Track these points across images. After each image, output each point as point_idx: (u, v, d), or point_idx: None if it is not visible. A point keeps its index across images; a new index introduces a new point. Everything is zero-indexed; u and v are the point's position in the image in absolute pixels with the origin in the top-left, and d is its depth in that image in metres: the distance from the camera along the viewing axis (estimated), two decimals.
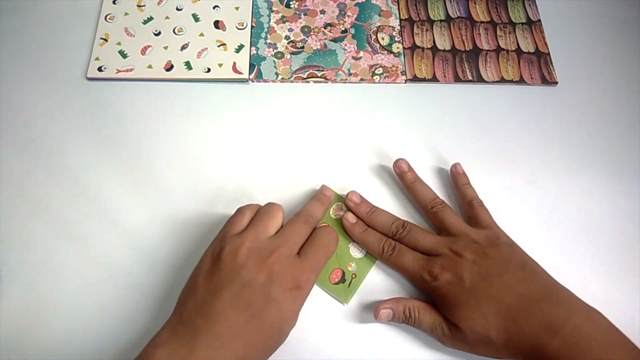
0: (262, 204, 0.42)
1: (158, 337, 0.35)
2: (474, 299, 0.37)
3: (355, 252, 0.44)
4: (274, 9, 0.58)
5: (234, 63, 0.54)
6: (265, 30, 0.56)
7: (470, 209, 0.45)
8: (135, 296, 0.43)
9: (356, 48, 0.55)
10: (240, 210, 0.41)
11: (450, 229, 0.42)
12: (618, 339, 0.35)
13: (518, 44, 0.56)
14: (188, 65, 0.54)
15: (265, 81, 0.54)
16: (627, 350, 0.34)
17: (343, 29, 0.57)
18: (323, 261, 0.41)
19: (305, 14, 0.58)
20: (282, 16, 0.57)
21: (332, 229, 0.43)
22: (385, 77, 0.54)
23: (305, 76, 0.54)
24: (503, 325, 0.36)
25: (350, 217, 0.44)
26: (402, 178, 0.47)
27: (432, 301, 0.41)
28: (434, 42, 0.56)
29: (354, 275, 0.43)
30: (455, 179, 0.47)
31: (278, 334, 0.37)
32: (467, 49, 0.56)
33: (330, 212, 0.46)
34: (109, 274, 0.44)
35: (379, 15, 0.58)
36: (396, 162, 0.47)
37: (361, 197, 0.46)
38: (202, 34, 0.56)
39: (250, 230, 0.39)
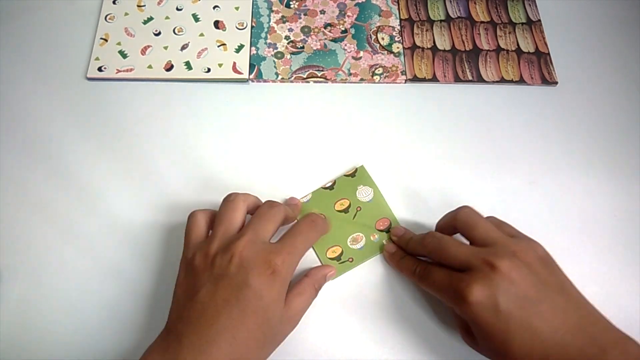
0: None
1: (149, 348, 0.35)
2: (505, 330, 0.34)
3: (353, 244, 0.44)
4: (274, 9, 0.58)
5: (234, 63, 0.54)
6: (265, 30, 0.56)
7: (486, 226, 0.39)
8: (136, 296, 0.43)
9: (356, 48, 0.55)
10: (195, 216, 0.41)
11: (483, 236, 0.38)
12: None
13: (518, 44, 0.56)
14: (188, 65, 0.54)
15: (265, 81, 0.54)
16: None
17: (343, 29, 0.57)
18: (301, 246, 0.38)
19: (305, 14, 0.58)
20: (282, 16, 0.57)
21: (316, 217, 0.42)
22: (385, 77, 0.54)
23: (305, 76, 0.54)
24: None
25: (390, 247, 0.44)
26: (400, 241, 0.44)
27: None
28: (434, 42, 0.56)
29: (350, 259, 0.44)
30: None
31: (266, 324, 0.35)
32: (467, 49, 0.56)
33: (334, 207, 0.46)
34: (110, 274, 0.44)
35: (379, 15, 0.58)
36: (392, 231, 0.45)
37: (404, 230, 0.44)
38: (202, 34, 0.56)
39: (216, 232, 0.39)
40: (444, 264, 0.38)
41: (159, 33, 0.56)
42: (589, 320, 0.34)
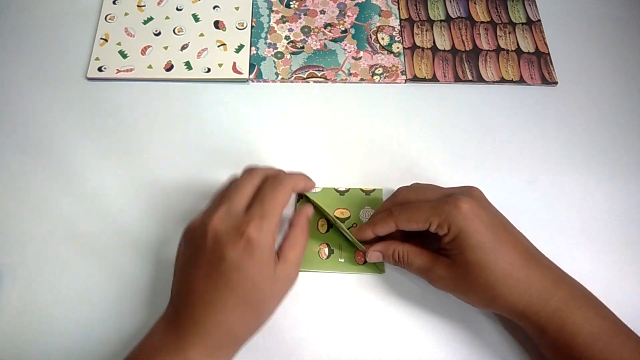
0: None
1: (156, 322, 0.37)
2: (493, 238, 0.37)
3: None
4: (274, 9, 0.58)
5: (234, 63, 0.54)
6: (265, 30, 0.56)
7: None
8: (135, 296, 0.43)
9: (356, 48, 0.55)
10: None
11: (443, 192, 0.41)
12: (594, 296, 0.38)
13: (518, 44, 0.57)
14: (188, 65, 0.54)
15: (265, 81, 0.54)
16: (604, 305, 0.38)
17: (343, 29, 0.57)
18: (270, 208, 0.37)
19: (305, 14, 0.58)
20: (282, 16, 0.57)
21: (276, 173, 0.40)
22: (385, 77, 0.54)
23: (305, 76, 0.54)
24: (515, 274, 0.36)
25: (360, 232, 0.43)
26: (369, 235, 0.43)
27: (428, 245, 0.41)
28: (434, 42, 0.56)
29: (340, 246, 0.44)
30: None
31: (255, 290, 0.35)
32: (467, 49, 0.56)
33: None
34: (109, 273, 0.44)
35: (379, 15, 0.58)
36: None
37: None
38: (202, 34, 0.56)
39: (204, 208, 0.40)
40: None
41: (159, 33, 0.56)
42: (541, 253, 0.39)
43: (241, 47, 0.55)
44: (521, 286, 0.36)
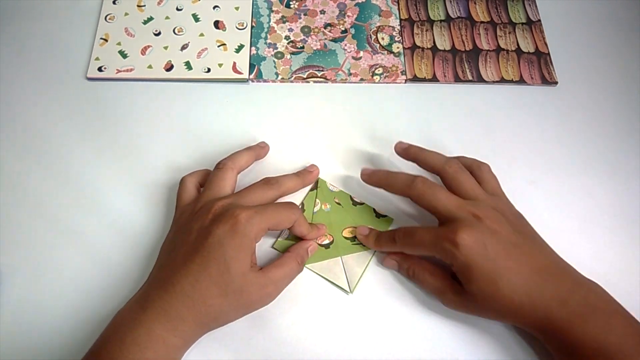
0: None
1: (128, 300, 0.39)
2: (493, 270, 0.37)
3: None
4: (274, 9, 0.58)
5: (234, 63, 0.54)
6: (265, 30, 0.56)
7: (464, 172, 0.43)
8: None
9: (356, 48, 0.55)
10: (184, 182, 0.45)
11: (468, 193, 0.41)
12: (617, 308, 0.37)
13: (518, 44, 0.57)
14: (188, 65, 0.54)
15: (265, 81, 0.54)
16: (624, 318, 0.37)
17: (343, 29, 0.57)
18: (270, 213, 0.39)
19: (305, 14, 0.58)
20: (282, 16, 0.57)
21: (293, 204, 0.42)
22: (385, 77, 0.54)
23: (305, 76, 0.54)
24: (518, 299, 0.37)
25: (363, 230, 0.45)
26: (407, 153, 0.46)
27: (442, 265, 0.41)
28: (434, 42, 0.56)
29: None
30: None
31: (228, 273, 0.36)
32: (467, 49, 0.56)
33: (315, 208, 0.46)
34: (110, 273, 0.44)
35: (379, 15, 0.58)
36: (396, 145, 0.47)
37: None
38: (202, 34, 0.56)
39: (203, 196, 0.42)
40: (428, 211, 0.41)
41: (159, 33, 0.56)
42: (558, 264, 0.39)
43: (241, 47, 0.55)
44: (525, 309, 0.37)
